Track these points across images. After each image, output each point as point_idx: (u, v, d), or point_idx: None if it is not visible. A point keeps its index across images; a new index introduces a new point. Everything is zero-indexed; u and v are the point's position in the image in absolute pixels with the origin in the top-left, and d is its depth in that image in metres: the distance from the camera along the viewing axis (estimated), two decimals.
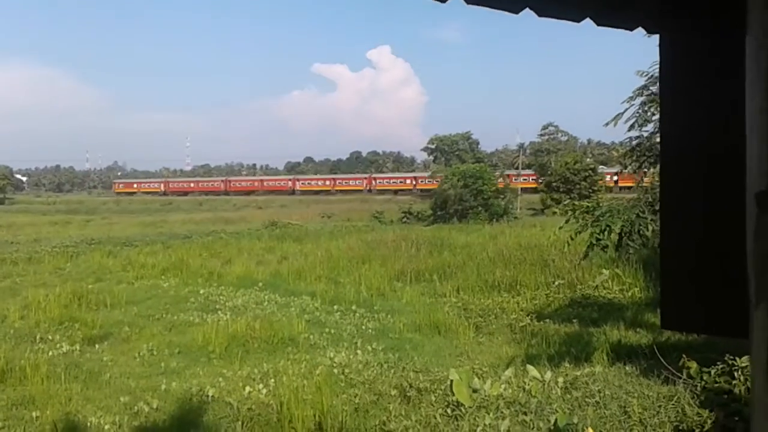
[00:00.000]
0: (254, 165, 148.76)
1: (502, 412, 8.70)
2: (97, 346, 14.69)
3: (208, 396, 10.46)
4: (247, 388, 10.65)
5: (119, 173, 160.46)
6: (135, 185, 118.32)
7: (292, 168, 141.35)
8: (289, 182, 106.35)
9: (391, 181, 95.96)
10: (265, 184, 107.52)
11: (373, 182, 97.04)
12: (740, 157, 0.96)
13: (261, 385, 10.83)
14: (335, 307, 19.06)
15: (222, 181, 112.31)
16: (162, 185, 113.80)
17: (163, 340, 15.14)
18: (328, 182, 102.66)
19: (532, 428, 8.24)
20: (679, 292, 1.04)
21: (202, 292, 21.34)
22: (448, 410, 9.07)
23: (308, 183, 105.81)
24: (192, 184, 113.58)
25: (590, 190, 61.75)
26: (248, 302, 19.63)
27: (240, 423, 9.50)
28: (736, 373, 6.56)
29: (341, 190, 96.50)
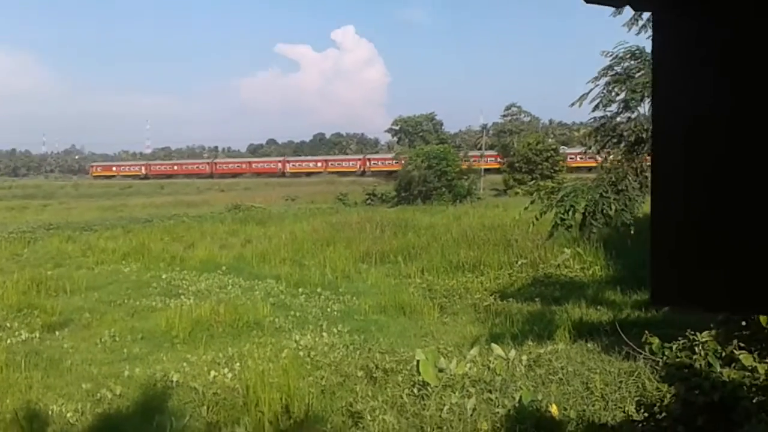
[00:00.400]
0: (216, 147, 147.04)
1: (468, 391, 8.79)
2: (57, 333, 14.45)
3: (172, 381, 10.37)
4: (212, 373, 10.58)
5: (77, 156, 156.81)
6: (114, 168, 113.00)
7: (254, 150, 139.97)
8: (279, 164, 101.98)
9: (386, 162, 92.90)
10: (253, 166, 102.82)
11: (368, 163, 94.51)
12: (741, 127, 0.95)
13: (226, 370, 10.77)
14: (300, 289, 19.02)
15: (207, 163, 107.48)
16: (143, 168, 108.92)
17: (126, 326, 14.95)
18: (320, 164, 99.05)
19: (498, 406, 8.35)
20: (670, 267, 1.03)
21: (164, 276, 21.09)
22: (415, 390, 9.13)
23: (299, 165, 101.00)
24: (175, 167, 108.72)
25: (552, 171, 62.40)
26: (212, 286, 19.48)
27: (205, 407, 9.44)
28: (696, 348, 6.71)
29: (334, 172, 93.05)
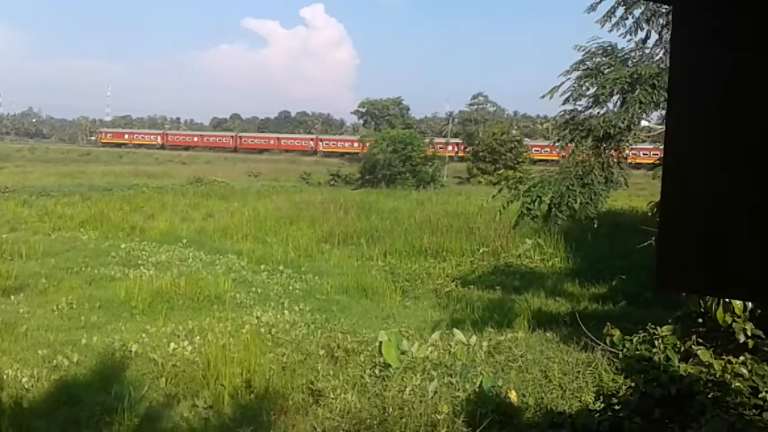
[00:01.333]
0: (178, 119, 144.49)
1: (429, 374, 8.89)
2: (12, 297, 14.14)
3: (131, 352, 10.25)
4: (172, 345, 10.49)
5: (34, 120, 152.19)
6: (126, 136, 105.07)
7: (218, 124, 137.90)
8: (311, 142, 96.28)
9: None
10: (282, 143, 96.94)
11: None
12: (755, 113, 0.98)
13: (186, 342, 10.69)
14: (262, 266, 18.92)
15: (232, 137, 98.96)
16: (159, 137, 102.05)
17: (83, 293, 14.70)
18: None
19: (459, 389, 8.46)
20: (677, 252, 1.05)
21: (123, 246, 20.75)
22: (376, 371, 9.20)
23: (333, 144, 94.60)
24: (196, 138, 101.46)
25: (515, 162, 62.96)
26: (172, 258, 19.23)
27: (164, 379, 9.38)
28: (656, 342, 6.89)
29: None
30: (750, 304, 6.70)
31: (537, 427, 7.42)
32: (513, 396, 8.33)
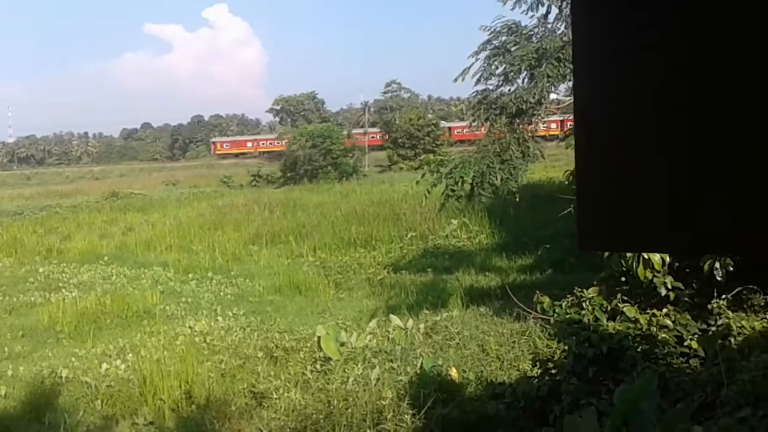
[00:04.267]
0: (86, 133, 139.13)
1: (370, 362, 8.94)
2: None
3: (61, 377, 9.87)
4: (104, 366, 10.17)
5: None
6: (250, 143, 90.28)
7: (128, 135, 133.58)
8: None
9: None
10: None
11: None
12: (653, 94, 1.03)
13: (119, 361, 10.39)
14: (190, 275, 18.56)
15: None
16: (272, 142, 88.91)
17: (4, 323, 14.08)
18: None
19: (400, 374, 8.55)
20: (595, 213, 1.10)
21: (41, 270, 19.94)
22: (318, 366, 9.19)
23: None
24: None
25: (434, 145, 63.66)
26: (95, 277, 18.63)
27: (100, 401, 9.10)
28: (584, 304, 7.14)
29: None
30: (668, 259, 7.04)
31: (479, 401, 7.58)
32: (454, 373, 8.48)
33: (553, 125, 38.08)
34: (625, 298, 7.20)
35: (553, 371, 7.05)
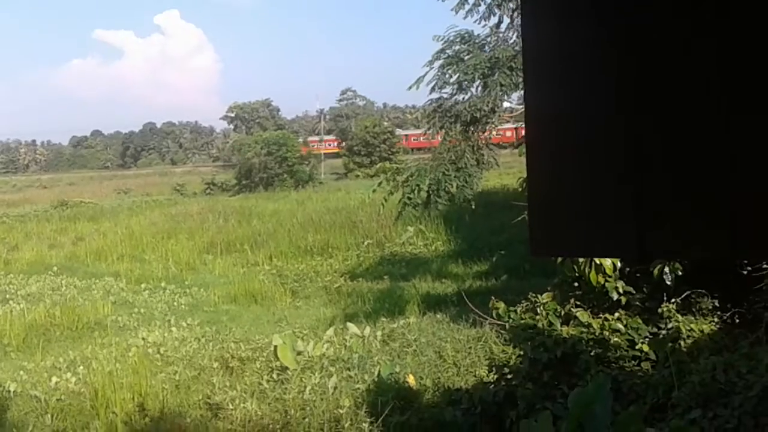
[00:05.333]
0: (34, 141, 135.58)
1: (328, 371, 8.91)
2: None
3: (9, 392, 9.56)
4: (54, 379, 9.90)
5: None
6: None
7: (78, 143, 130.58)
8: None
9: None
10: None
11: None
12: (598, 108, 1.06)
13: (69, 374, 10.12)
14: (143, 285, 18.21)
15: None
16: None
17: None
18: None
19: (358, 382, 8.54)
20: (546, 219, 1.13)
21: None
22: (274, 375, 9.12)
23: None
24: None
25: (390, 153, 63.88)
26: (44, 288, 18.11)
27: (50, 415, 8.85)
28: (538, 309, 7.26)
29: None
30: (619, 264, 7.19)
31: (437, 407, 7.62)
32: (411, 380, 8.51)
33: (508, 133, 38.58)
34: (579, 303, 7.33)
35: (509, 376, 7.14)
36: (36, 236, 28.72)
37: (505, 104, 14.78)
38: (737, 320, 7.19)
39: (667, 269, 6.93)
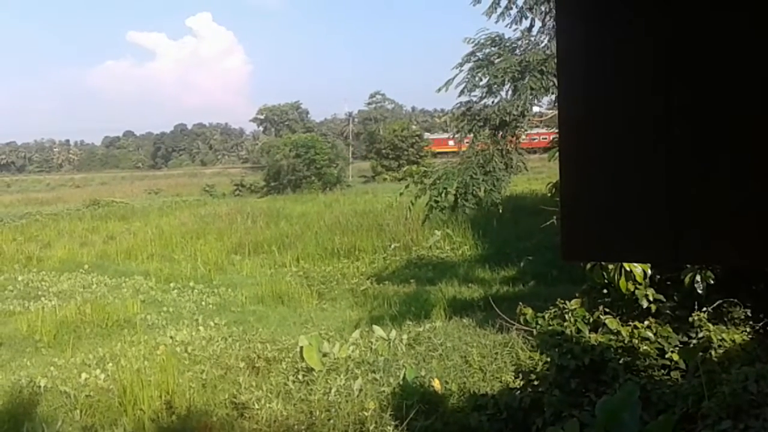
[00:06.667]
0: (67, 141, 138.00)
1: (353, 373, 8.92)
2: None
3: (40, 387, 9.73)
4: (83, 375, 10.04)
5: None
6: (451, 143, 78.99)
7: (110, 143, 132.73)
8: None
9: None
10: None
11: None
12: (629, 111, 1.05)
13: (98, 371, 10.26)
14: (172, 284, 18.41)
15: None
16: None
17: None
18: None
19: (383, 384, 8.53)
20: (579, 224, 1.12)
21: (20, 278, 19.71)
22: (300, 376, 9.14)
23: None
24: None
25: (418, 156, 63.84)
26: (75, 286, 18.43)
27: (79, 411, 8.99)
28: (566, 316, 7.18)
29: None
30: (650, 271, 7.09)
31: (462, 412, 7.58)
32: (436, 384, 8.48)
33: (537, 138, 38.32)
34: (607, 310, 7.24)
35: (536, 383, 7.08)
36: (68, 234, 29.22)
37: (535, 109, 14.70)
38: None
39: (698, 277, 6.82)
